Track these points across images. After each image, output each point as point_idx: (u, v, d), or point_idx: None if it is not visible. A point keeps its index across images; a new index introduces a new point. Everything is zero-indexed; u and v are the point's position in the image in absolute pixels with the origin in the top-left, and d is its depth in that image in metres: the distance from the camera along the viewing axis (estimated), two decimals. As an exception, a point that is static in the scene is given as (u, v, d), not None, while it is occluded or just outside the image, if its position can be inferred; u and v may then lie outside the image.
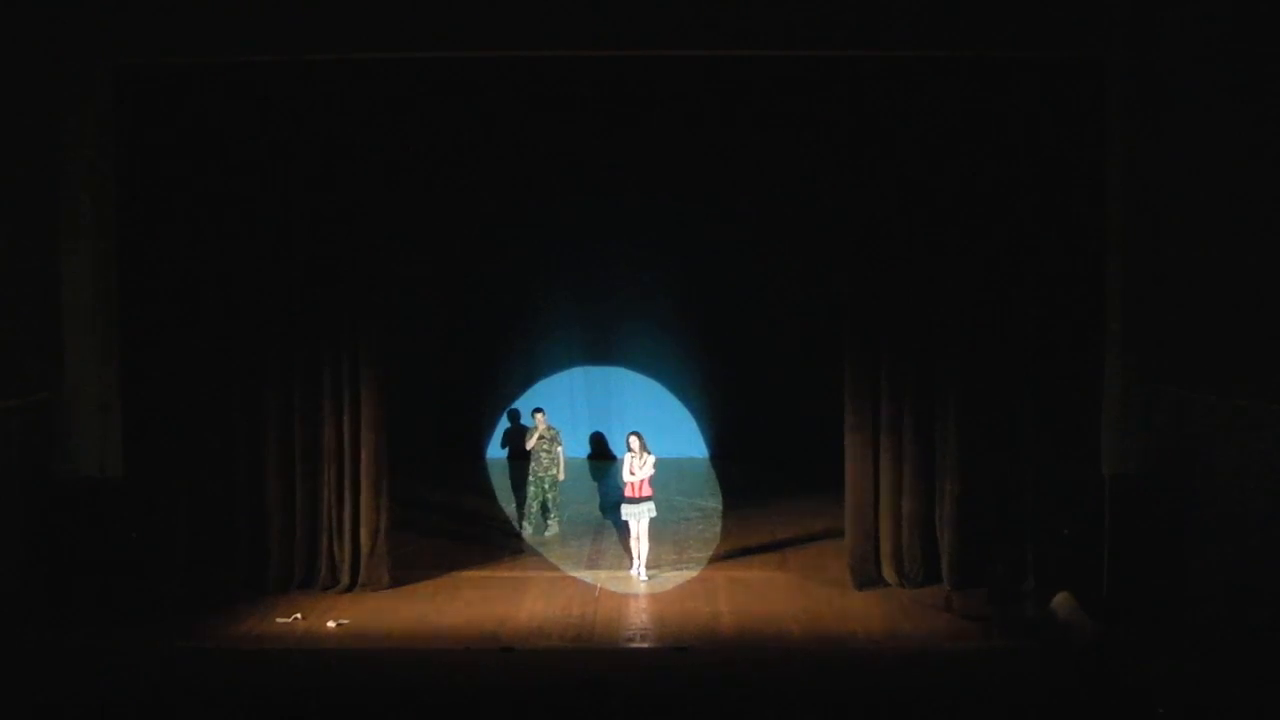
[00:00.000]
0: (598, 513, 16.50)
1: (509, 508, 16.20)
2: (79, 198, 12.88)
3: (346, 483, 13.42)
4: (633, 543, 14.06)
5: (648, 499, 13.98)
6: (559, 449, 15.44)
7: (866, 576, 13.48)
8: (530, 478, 15.48)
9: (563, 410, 18.45)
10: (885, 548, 13.49)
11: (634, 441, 14.11)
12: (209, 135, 12.98)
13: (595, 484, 17.69)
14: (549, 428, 15.48)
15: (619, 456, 15.91)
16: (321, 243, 13.21)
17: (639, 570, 14.00)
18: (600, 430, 19.22)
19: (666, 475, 15.88)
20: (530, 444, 15.47)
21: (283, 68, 12.90)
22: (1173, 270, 12.68)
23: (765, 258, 18.18)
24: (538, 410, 15.70)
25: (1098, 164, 12.87)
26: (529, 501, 15.49)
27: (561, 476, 15.44)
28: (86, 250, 12.93)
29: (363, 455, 13.37)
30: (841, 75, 13.04)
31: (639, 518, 13.97)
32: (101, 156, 12.90)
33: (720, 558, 14.72)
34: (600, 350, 19.16)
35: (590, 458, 19.06)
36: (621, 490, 14.19)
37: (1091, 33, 12.62)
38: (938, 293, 13.20)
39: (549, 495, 15.43)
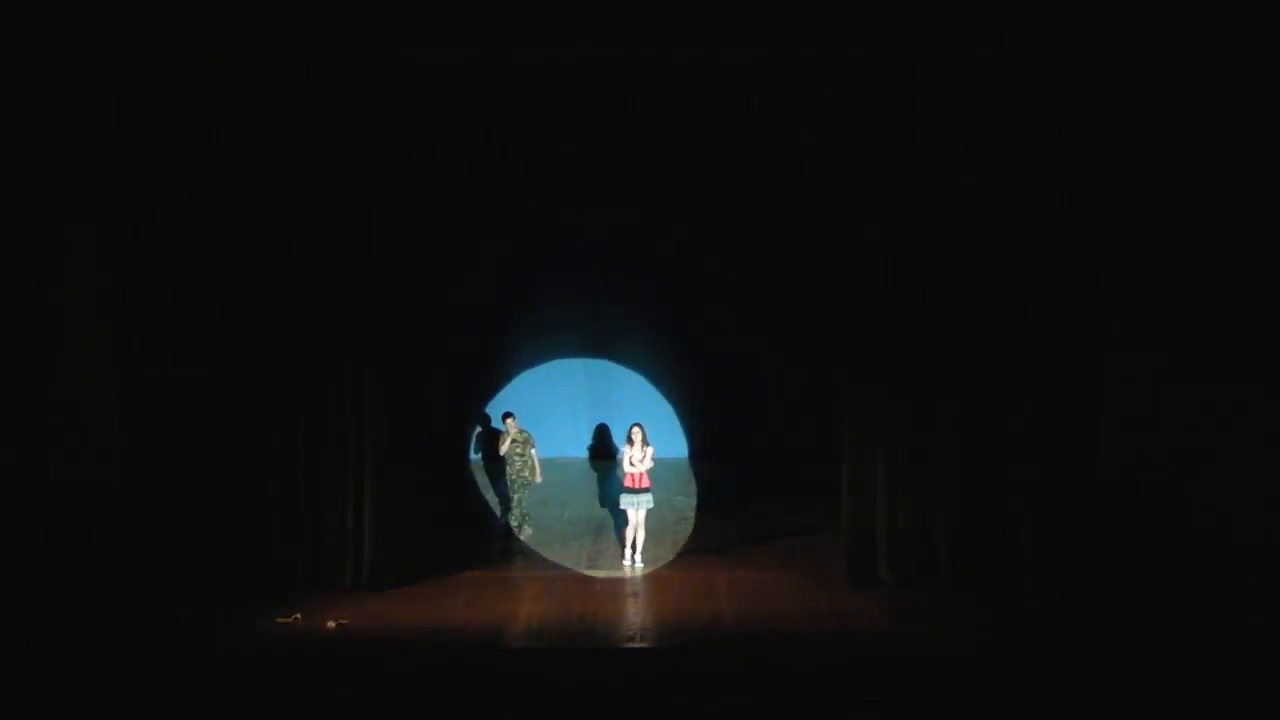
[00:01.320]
0: (598, 512, 16.51)
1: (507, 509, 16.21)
2: (82, 197, 12.86)
3: (349, 482, 13.41)
4: (629, 532, 14.29)
5: (647, 490, 14.24)
6: (532, 451, 15.42)
7: (865, 576, 13.47)
8: (507, 482, 15.51)
9: (562, 411, 18.45)
10: (883, 547, 13.49)
11: (635, 433, 14.31)
12: (215, 135, 12.95)
13: (596, 483, 17.69)
14: (520, 431, 15.47)
15: (619, 448, 15.92)
16: (326, 241, 13.18)
17: (632, 559, 14.20)
18: (604, 427, 19.20)
19: (667, 475, 15.88)
20: (503, 449, 15.49)
21: (288, 70, 12.90)
22: (1171, 270, 12.70)
23: (764, 256, 18.12)
24: (508, 415, 15.68)
25: (1095, 166, 12.86)
26: (513, 506, 15.54)
27: (537, 479, 15.44)
28: (88, 249, 12.92)
29: (365, 454, 13.38)
30: (838, 80, 13.01)
31: (638, 508, 14.23)
32: (105, 155, 12.87)
33: (720, 557, 14.72)
34: (599, 352, 19.15)
35: (591, 456, 19.05)
36: (621, 482, 14.40)
37: (1089, 38, 12.61)
38: (936, 293, 13.19)
39: (515, 496, 15.46)
